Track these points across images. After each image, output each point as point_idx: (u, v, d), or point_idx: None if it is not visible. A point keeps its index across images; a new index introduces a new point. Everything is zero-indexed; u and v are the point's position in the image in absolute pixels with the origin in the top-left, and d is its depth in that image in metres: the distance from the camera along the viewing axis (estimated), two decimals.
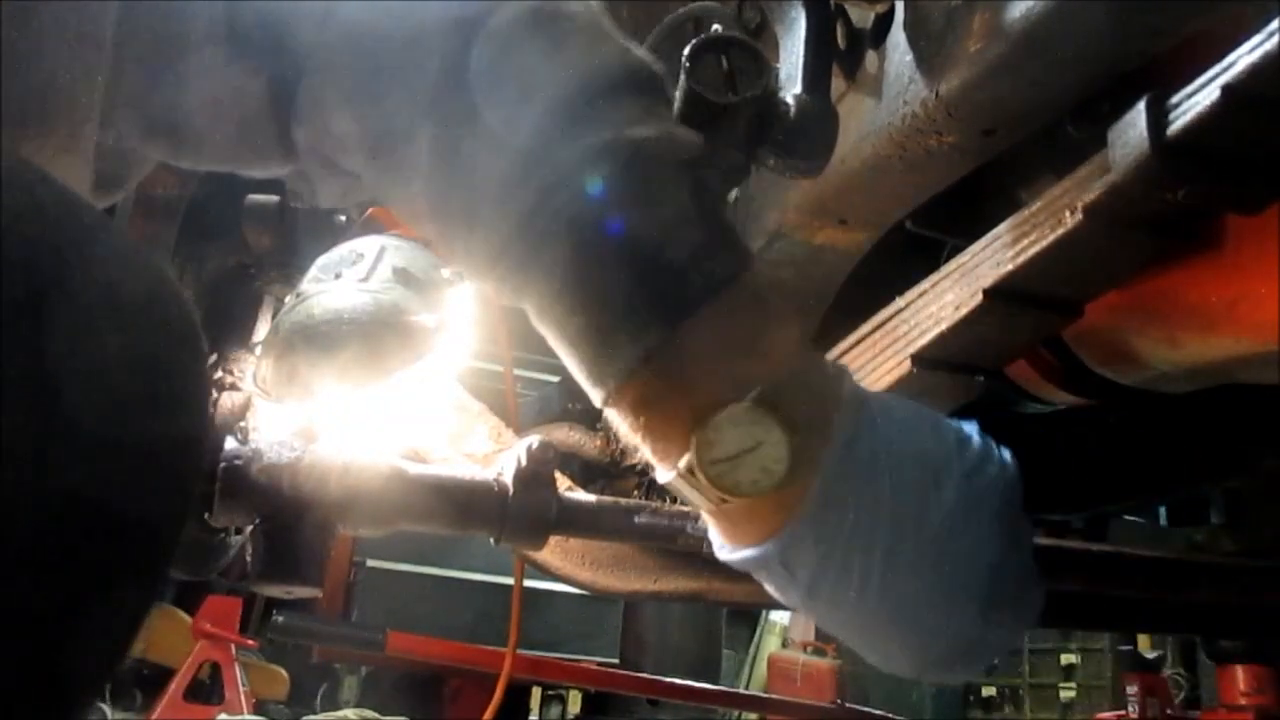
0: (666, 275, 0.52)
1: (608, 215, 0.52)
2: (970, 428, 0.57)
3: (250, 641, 2.90)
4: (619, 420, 0.56)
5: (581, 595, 1.25)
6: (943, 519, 0.52)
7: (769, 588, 0.57)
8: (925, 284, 0.83)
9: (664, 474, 0.55)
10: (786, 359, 0.54)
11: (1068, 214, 0.67)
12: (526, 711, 3.66)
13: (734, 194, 1.05)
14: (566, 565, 1.12)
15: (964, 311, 0.76)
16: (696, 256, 0.53)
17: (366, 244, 1.12)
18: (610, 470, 1.36)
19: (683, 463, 0.52)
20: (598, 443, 1.37)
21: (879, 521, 0.52)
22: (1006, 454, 0.56)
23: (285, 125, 0.60)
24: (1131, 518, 1.70)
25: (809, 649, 5.84)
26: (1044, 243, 0.69)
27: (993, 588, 0.53)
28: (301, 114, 0.59)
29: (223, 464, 0.82)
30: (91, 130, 0.53)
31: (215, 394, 1.66)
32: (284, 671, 3.12)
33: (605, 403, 0.55)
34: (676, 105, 0.64)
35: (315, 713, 2.62)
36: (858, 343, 0.89)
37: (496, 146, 0.53)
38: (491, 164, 0.53)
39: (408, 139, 0.55)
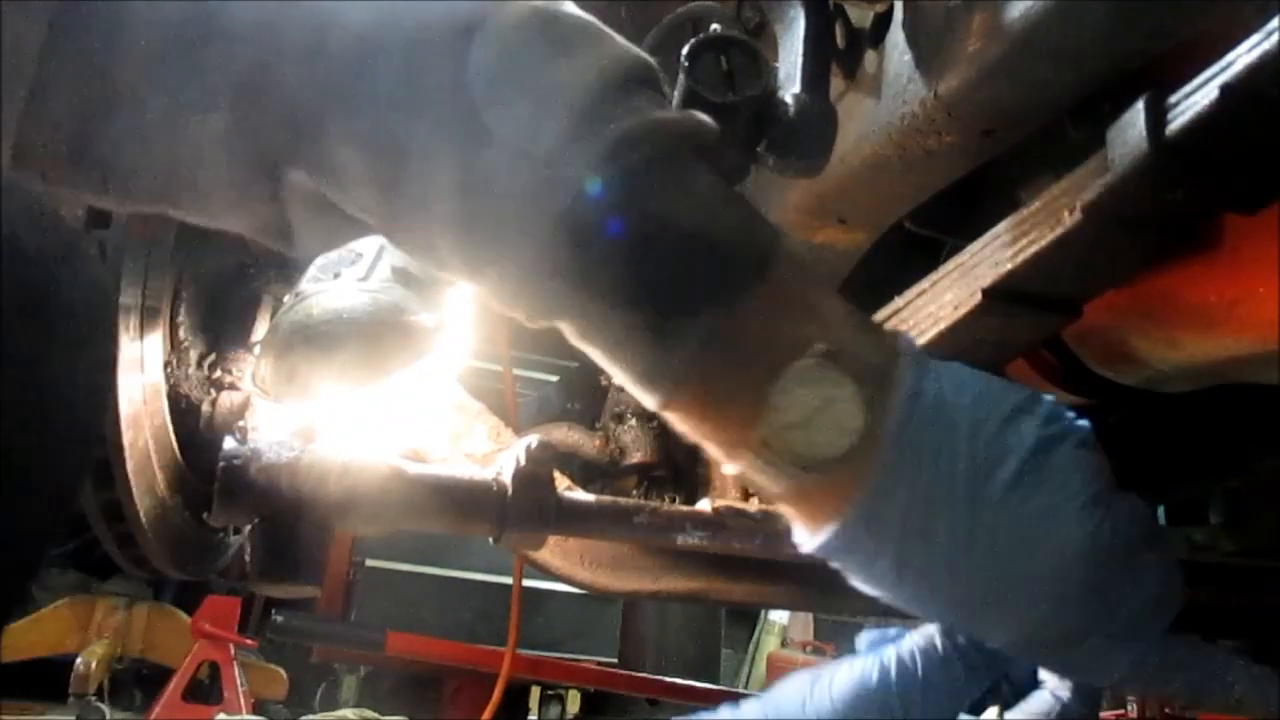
0: (715, 255, 0.51)
1: (645, 203, 0.50)
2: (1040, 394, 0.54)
3: (249, 641, 2.90)
4: (681, 419, 0.54)
5: (581, 595, 1.25)
6: (1022, 461, 0.49)
7: (855, 577, 0.54)
8: (924, 283, 0.83)
9: (735, 464, 0.53)
10: (841, 317, 0.53)
11: (1066, 213, 0.67)
12: (526, 711, 3.65)
13: None
14: (566, 565, 1.12)
15: (963, 311, 0.76)
16: (740, 231, 0.52)
17: (366, 243, 1.12)
18: (610, 470, 1.36)
19: (756, 437, 0.50)
20: (597, 442, 1.37)
21: (957, 468, 0.49)
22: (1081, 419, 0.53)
23: (254, 167, 0.56)
24: None
25: (808, 648, 5.83)
26: (1043, 242, 0.69)
27: (1090, 539, 0.49)
28: (296, 152, 0.55)
29: (222, 463, 0.82)
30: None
31: (214, 393, 1.66)
32: (283, 671, 3.12)
33: (666, 403, 0.53)
34: (675, 105, 0.64)
35: (314, 712, 2.62)
36: None
37: (519, 154, 0.50)
38: (517, 173, 0.50)
39: (424, 161, 0.52)
